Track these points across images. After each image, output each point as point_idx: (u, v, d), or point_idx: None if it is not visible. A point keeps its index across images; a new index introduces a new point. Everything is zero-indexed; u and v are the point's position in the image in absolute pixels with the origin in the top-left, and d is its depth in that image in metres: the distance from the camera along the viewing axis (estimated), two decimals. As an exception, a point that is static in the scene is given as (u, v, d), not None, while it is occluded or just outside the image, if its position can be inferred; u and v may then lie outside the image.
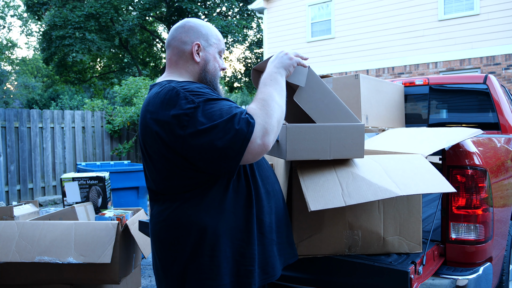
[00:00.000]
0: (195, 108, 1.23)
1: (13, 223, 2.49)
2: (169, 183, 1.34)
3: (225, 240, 1.32)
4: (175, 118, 1.24)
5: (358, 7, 11.37)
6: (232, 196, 1.34)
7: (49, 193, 7.98)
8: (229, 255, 1.33)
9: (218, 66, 1.51)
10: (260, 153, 1.25)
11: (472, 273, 1.78)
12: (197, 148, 1.23)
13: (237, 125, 1.20)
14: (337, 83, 2.98)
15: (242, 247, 1.34)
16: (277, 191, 1.52)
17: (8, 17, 29.04)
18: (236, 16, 19.95)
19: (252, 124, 1.22)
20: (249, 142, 1.21)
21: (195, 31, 1.46)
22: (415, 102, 3.63)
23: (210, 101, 1.26)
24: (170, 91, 1.28)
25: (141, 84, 9.41)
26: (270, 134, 1.25)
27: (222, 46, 1.53)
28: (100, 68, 23.43)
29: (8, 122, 7.47)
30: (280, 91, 1.37)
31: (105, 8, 16.00)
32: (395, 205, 1.71)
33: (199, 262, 1.31)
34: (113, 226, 2.47)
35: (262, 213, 1.41)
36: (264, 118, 1.25)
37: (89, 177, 3.09)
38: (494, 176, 1.95)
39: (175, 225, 1.33)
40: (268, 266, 1.41)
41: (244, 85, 21.50)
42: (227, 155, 1.22)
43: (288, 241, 1.54)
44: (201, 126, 1.21)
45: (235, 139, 1.20)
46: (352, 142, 1.51)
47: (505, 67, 9.47)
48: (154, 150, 1.33)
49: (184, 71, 1.46)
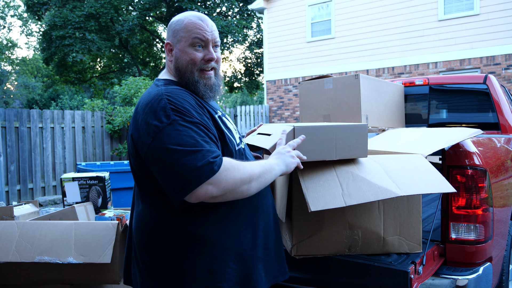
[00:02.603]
0: (168, 124, 1.22)
1: (13, 223, 2.49)
2: (142, 182, 1.37)
3: (194, 254, 1.29)
4: (148, 125, 1.25)
5: (358, 7, 11.37)
6: (209, 209, 1.31)
7: (49, 193, 7.98)
8: (194, 271, 1.30)
9: (191, 60, 1.40)
10: (201, 199, 1.20)
11: (472, 273, 1.78)
12: (155, 161, 1.23)
13: (199, 162, 1.16)
14: (337, 83, 2.98)
15: (212, 263, 1.30)
16: (267, 206, 1.48)
17: (8, 17, 29.06)
18: (236, 16, 19.95)
19: (214, 171, 1.17)
20: (201, 184, 1.16)
21: (169, 30, 1.49)
22: (415, 102, 3.63)
23: (186, 122, 1.23)
24: (156, 96, 1.31)
25: (141, 84, 9.40)
26: (220, 189, 1.20)
27: (195, 34, 1.40)
28: (100, 68, 23.44)
29: (8, 122, 7.47)
30: (265, 179, 1.32)
31: (105, 8, 16.01)
32: (395, 205, 1.71)
33: (159, 271, 1.32)
34: (113, 226, 2.47)
35: (245, 228, 1.37)
36: (227, 174, 1.21)
37: (89, 177, 3.09)
38: (494, 176, 1.95)
39: (151, 229, 1.35)
40: (250, 284, 1.36)
41: (244, 85, 21.49)
42: (173, 186, 1.19)
43: (278, 258, 1.49)
44: (164, 145, 1.19)
45: (189, 173, 1.16)
46: (356, 142, 1.52)
47: (505, 67, 9.47)
48: (130, 148, 1.38)
49: (169, 69, 1.51)
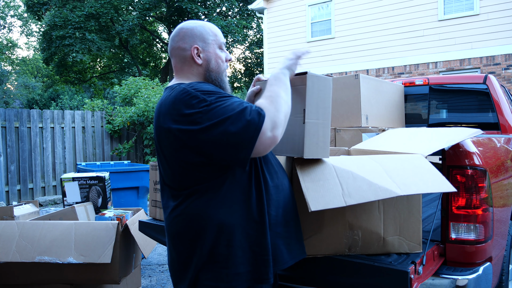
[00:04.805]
0: (207, 105, 1.30)
1: (13, 223, 2.49)
2: (182, 178, 1.40)
3: (241, 231, 1.38)
4: (188, 116, 1.30)
5: (358, 7, 11.37)
6: (243, 189, 1.40)
7: (49, 193, 7.98)
8: (245, 246, 1.38)
9: (221, 61, 1.56)
10: (270, 145, 1.32)
11: (472, 273, 1.78)
12: (211, 140, 1.29)
13: (248, 116, 1.28)
14: (337, 83, 2.98)
15: (258, 237, 1.40)
16: (285, 185, 1.56)
17: (8, 17, 29.05)
18: (236, 16, 19.95)
19: (262, 116, 1.30)
20: (260, 132, 1.28)
21: (190, 36, 1.51)
22: (415, 102, 3.63)
23: (221, 98, 1.33)
24: (181, 91, 1.35)
25: (141, 84, 9.41)
26: (279, 127, 1.34)
27: (221, 40, 1.57)
28: (100, 68, 23.44)
29: (8, 122, 7.47)
30: (286, 89, 1.45)
31: (105, 8, 16.01)
32: (395, 205, 1.71)
33: (215, 253, 1.37)
34: (113, 226, 2.47)
35: (270, 206, 1.45)
36: (273, 112, 1.34)
37: (89, 177, 3.09)
38: (494, 176, 1.96)
39: (190, 220, 1.39)
40: (276, 256, 1.46)
41: (244, 85, 21.50)
42: (240, 144, 1.28)
43: (297, 237, 1.57)
44: (214, 120, 1.28)
45: (248, 128, 1.27)
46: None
47: (505, 67, 9.48)
48: (168, 148, 1.39)
49: (190, 75, 1.52)
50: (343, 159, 1.64)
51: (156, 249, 4.48)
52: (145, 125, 8.72)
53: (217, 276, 1.36)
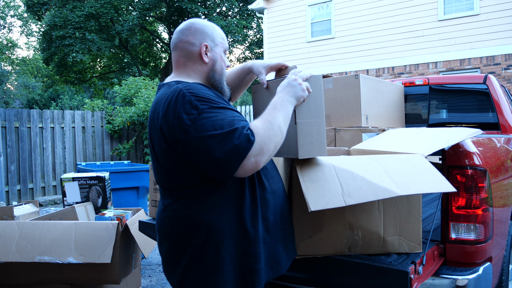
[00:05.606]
0: (198, 113, 1.26)
1: (13, 223, 2.49)
2: (175, 180, 1.39)
3: (230, 238, 1.36)
4: (178, 120, 1.28)
5: (358, 7, 11.37)
6: (236, 195, 1.38)
7: (49, 193, 7.98)
8: (233, 252, 1.36)
9: (224, 64, 1.57)
10: (252, 171, 1.29)
11: (472, 273, 1.78)
12: (196, 152, 1.27)
13: (236, 140, 1.24)
14: (337, 83, 2.98)
15: (248, 246, 1.38)
16: (281, 189, 1.56)
17: (8, 17, 29.05)
18: (236, 16, 19.94)
19: (251, 142, 1.25)
20: (244, 158, 1.24)
21: (201, 32, 1.50)
22: (415, 102, 3.63)
23: (214, 109, 1.29)
24: (177, 93, 1.32)
25: (141, 84, 9.40)
26: (265, 155, 1.29)
27: (226, 45, 1.59)
28: (100, 68, 23.44)
29: (8, 122, 7.47)
30: (286, 119, 1.40)
31: (105, 8, 16.00)
32: (395, 205, 1.71)
33: (203, 257, 1.35)
34: (113, 226, 2.47)
35: (268, 211, 1.44)
36: (265, 139, 1.29)
37: (89, 177, 3.09)
38: (494, 176, 1.96)
39: (181, 221, 1.38)
40: (273, 262, 1.46)
41: (244, 85, 21.46)
42: (221, 168, 1.26)
43: (291, 238, 1.59)
44: (201, 133, 1.24)
45: (233, 152, 1.23)
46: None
47: (505, 67, 9.48)
48: (159, 149, 1.38)
49: (192, 72, 1.50)
50: (343, 159, 1.64)
51: (156, 249, 4.48)
52: (145, 125, 8.72)
53: (203, 282, 1.35)
